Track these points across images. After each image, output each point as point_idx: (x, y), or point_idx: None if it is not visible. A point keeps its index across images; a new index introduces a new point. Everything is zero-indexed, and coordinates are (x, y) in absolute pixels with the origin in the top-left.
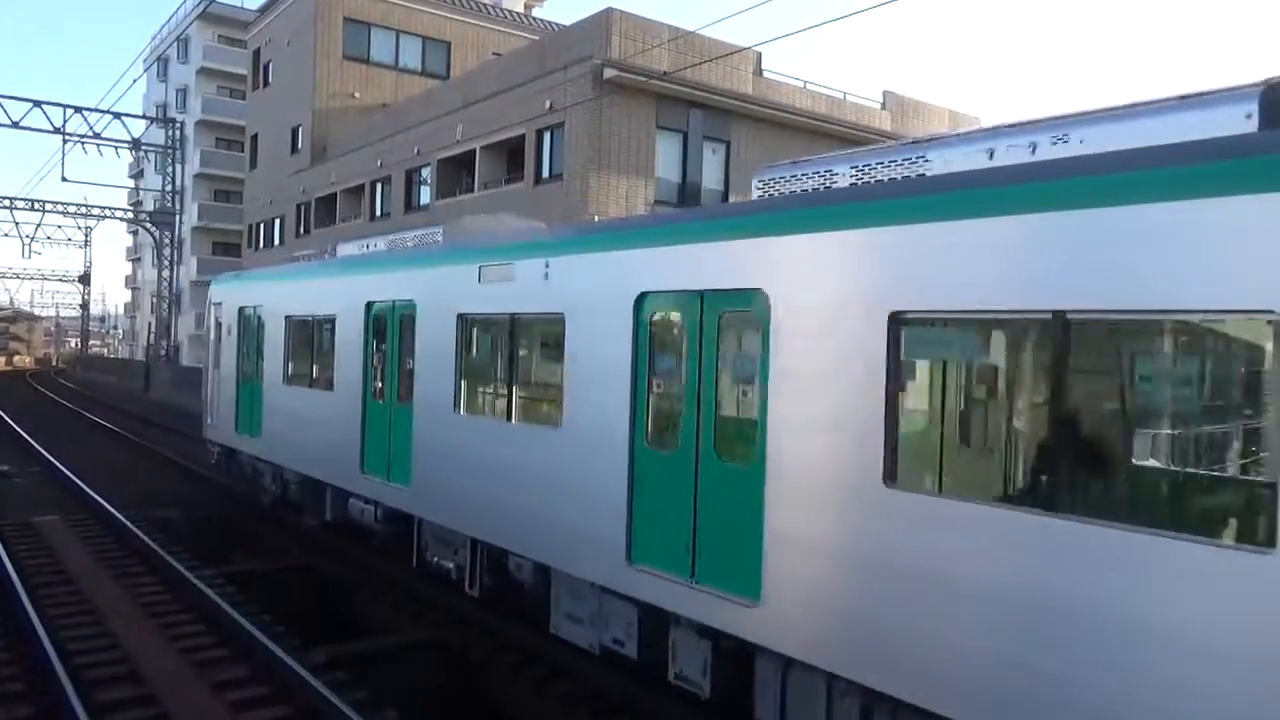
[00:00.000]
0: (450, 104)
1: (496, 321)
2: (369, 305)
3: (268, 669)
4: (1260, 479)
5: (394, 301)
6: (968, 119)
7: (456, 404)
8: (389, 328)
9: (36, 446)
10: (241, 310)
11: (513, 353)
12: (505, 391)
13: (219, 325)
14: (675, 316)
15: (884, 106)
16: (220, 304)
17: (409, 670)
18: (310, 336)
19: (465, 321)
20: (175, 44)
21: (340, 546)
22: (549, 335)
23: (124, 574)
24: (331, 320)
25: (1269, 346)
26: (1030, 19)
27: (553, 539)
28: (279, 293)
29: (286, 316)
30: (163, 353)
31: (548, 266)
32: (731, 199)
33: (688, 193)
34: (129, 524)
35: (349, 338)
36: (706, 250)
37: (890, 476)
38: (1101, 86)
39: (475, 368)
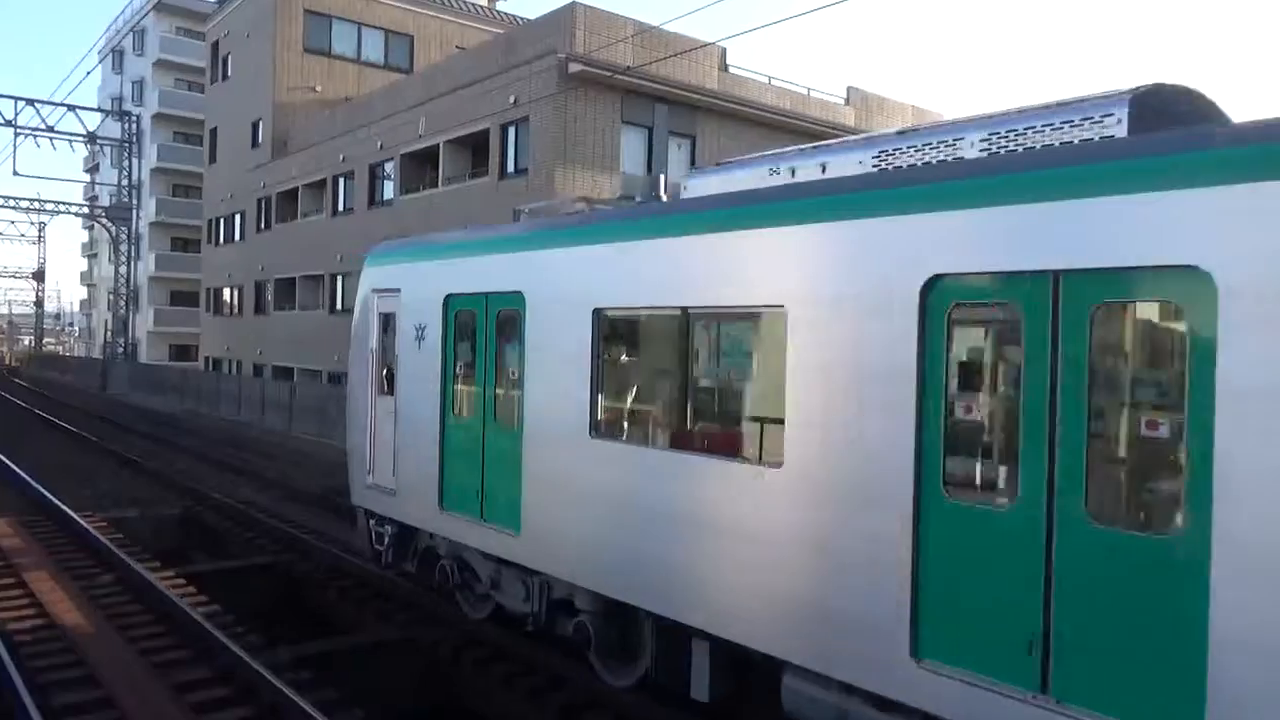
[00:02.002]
0: (413, 98)
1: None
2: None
3: (230, 670)
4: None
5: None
6: (931, 114)
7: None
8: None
9: None
10: (452, 301)
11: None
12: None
13: (389, 326)
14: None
15: (848, 102)
16: (395, 292)
17: (378, 669)
18: (669, 349)
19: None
20: (131, 35)
21: (305, 544)
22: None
23: (81, 576)
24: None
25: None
26: (993, 17)
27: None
28: (571, 269)
29: (598, 311)
30: (120, 350)
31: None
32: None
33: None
34: (85, 524)
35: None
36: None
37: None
38: (1059, 82)
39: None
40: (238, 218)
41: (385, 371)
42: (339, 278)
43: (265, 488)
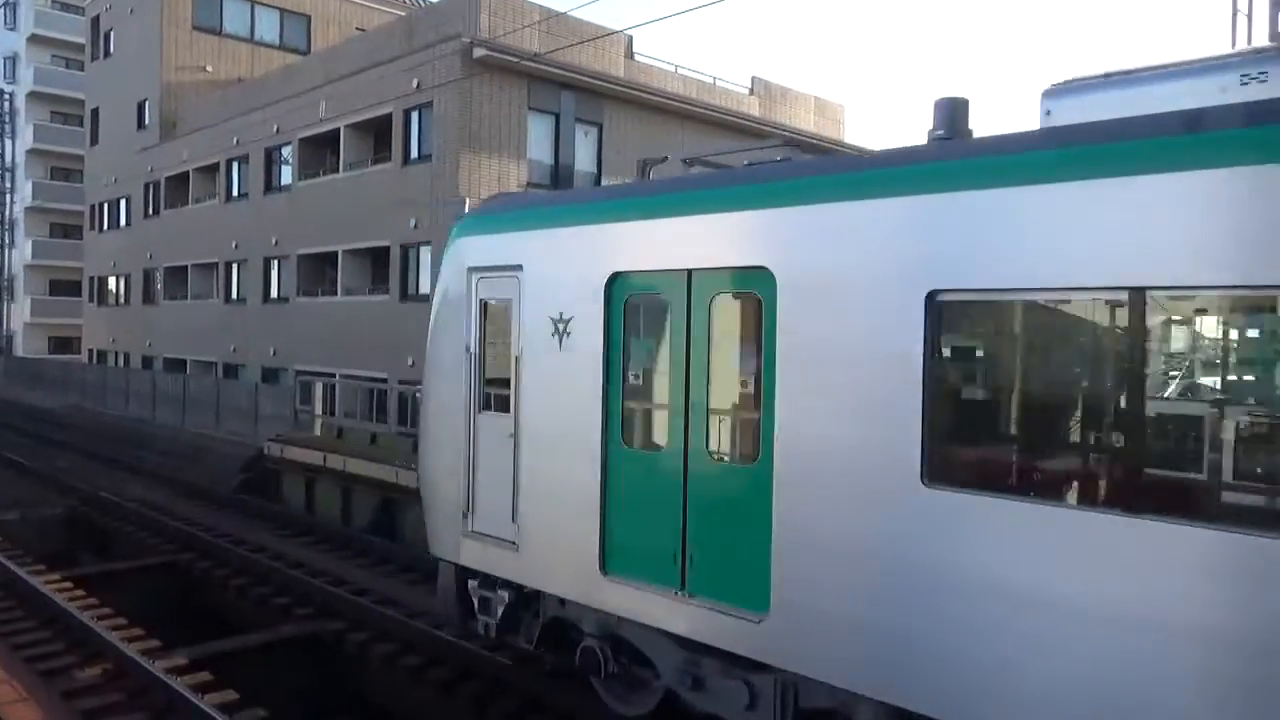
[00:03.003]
0: (312, 80)
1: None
2: None
3: (122, 674)
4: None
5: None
6: (833, 107)
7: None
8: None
9: None
10: (622, 282)
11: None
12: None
13: (501, 318)
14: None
15: (752, 91)
16: (511, 271)
17: (282, 667)
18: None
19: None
20: (2, 8)
21: (203, 542)
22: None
23: None
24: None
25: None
26: (892, 14)
27: None
28: (875, 233)
29: (934, 296)
30: None
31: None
32: (604, 182)
33: (560, 175)
34: None
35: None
36: None
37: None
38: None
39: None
40: (123, 203)
41: (492, 380)
42: (234, 266)
43: (159, 485)
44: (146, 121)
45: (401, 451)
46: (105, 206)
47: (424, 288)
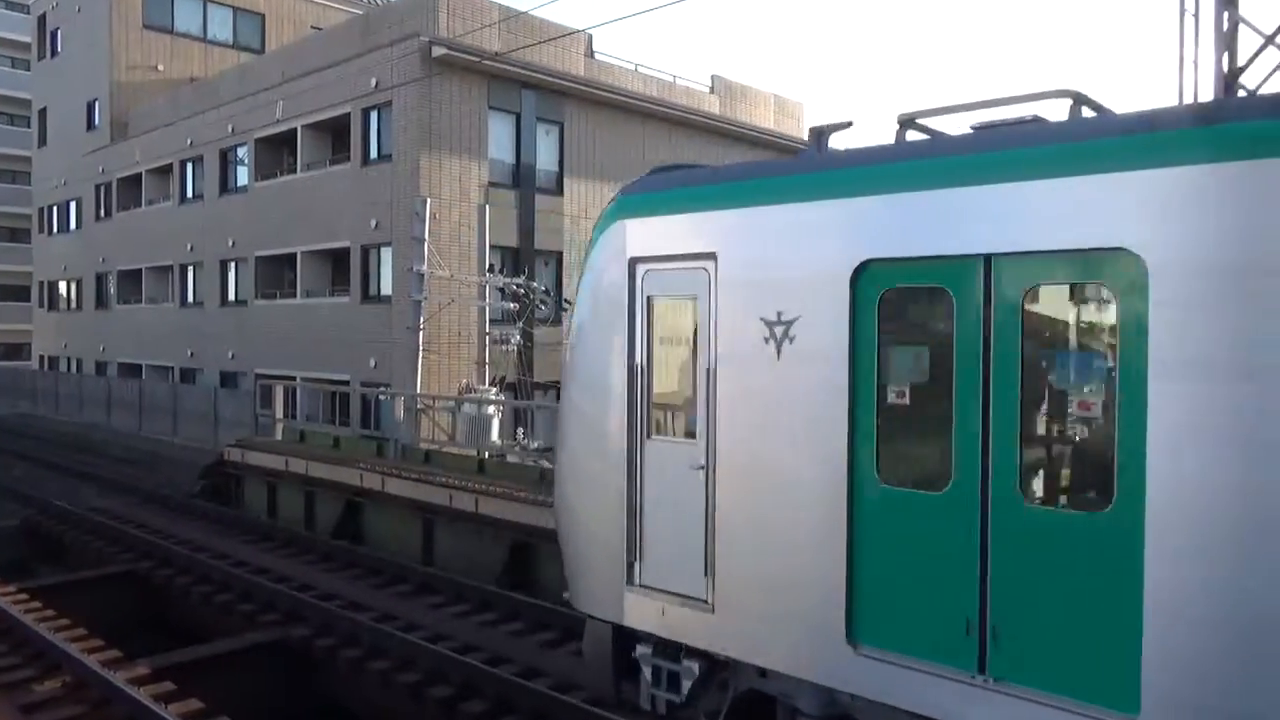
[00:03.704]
0: (268, 79)
1: None
2: None
3: (83, 685)
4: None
5: None
6: (792, 104)
7: None
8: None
9: None
10: (876, 274)
11: None
12: None
13: (679, 320)
14: None
15: (712, 90)
16: (699, 261)
17: (247, 674)
18: None
19: None
20: None
21: (164, 550)
22: None
23: None
24: None
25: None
26: (851, 15)
27: None
28: None
29: None
30: None
31: None
32: (567, 181)
33: (522, 174)
34: None
35: None
36: None
37: None
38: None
39: None
40: (73, 205)
41: (665, 398)
42: (190, 268)
43: (116, 492)
44: (96, 122)
45: (364, 454)
46: (54, 209)
47: (385, 289)
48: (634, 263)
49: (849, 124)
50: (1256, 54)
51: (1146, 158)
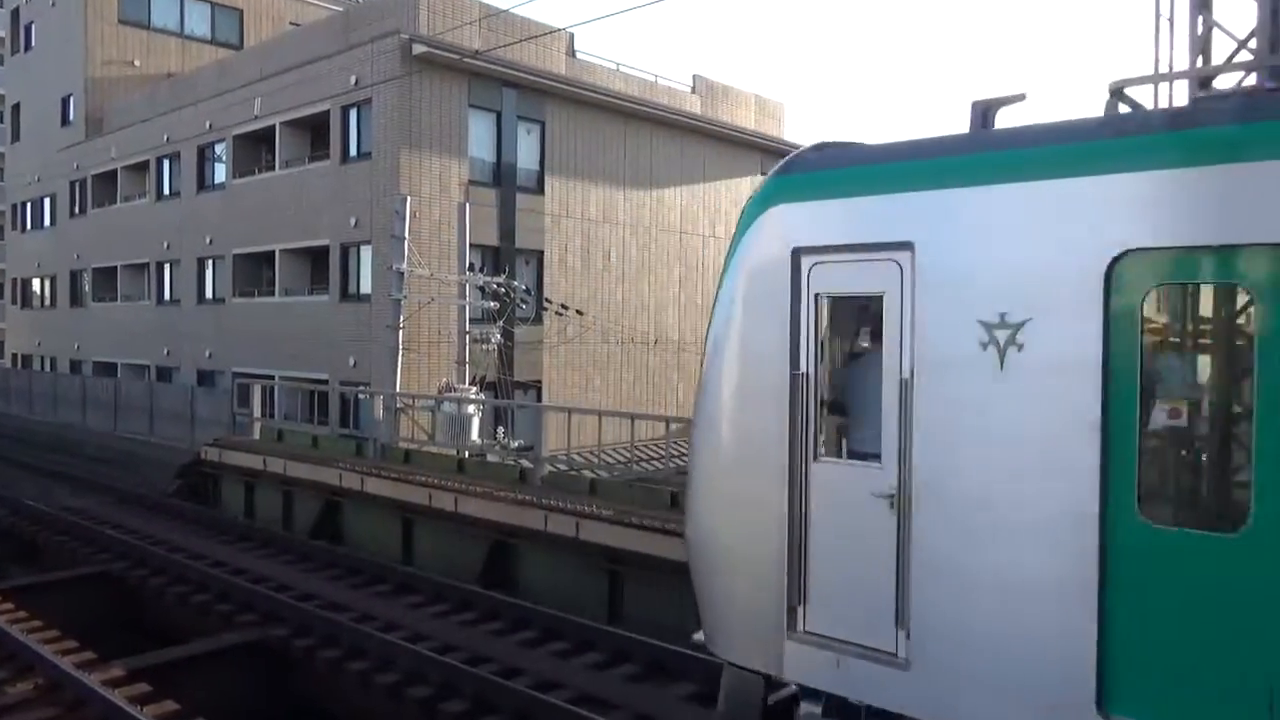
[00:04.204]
0: (246, 76)
1: None
2: None
3: (56, 687)
4: None
5: None
6: (773, 105)
7: None
8: None
9: None
10: (1150, 264)
11: None
12: None
13: (859, 322)
14: None
15: (694, 90)
16: (888, 252)
17: (225, 675)
18: None
19: None
20: None
21: (140, 550)
22: None
23: None
24: None
25: None
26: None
27: None
28: None
29: None
30: None
31: None
32: (548, 179)
33: (503, 173)
34: None
35: None
36: None
37: None
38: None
39: None
40: (47, 201)
41: (838, 412)
42: (167, 266)
43: (90, 492)
44: (71, 118)
45: (343, 453)
46: (28, 205)
47: (365, 287)
48: (798, 254)
49: (1021, 96)
50: (1230, 58)
51: None
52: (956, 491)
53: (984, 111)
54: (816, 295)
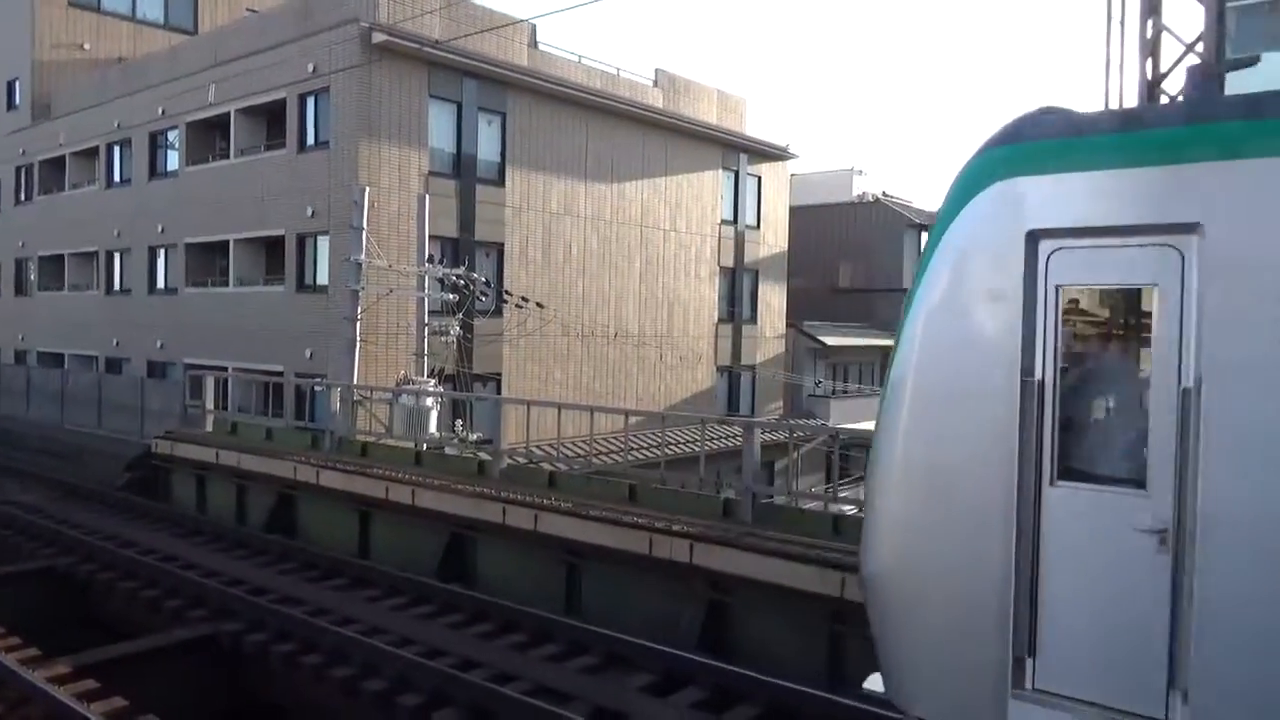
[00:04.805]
0: (200, 62)
1: None
2: None
3: None
4: None
5: None
6: (735, 100)
7: None
8: None
9: None
10: None
11: None
12: None
13: (1155, 314)
14: None
15: (656, 84)
16: (1170, 236)
17: (175, 671)
18: None
19: None
20: None
21: (88, 545)
22: None
23: None
24: None
25: None
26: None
27: None
28: None
29: None
30: None
31: None
32: (509, 172)
33: (463, 164)
34: None
35: None
36: None
37: None
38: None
39: None
40: None
41: (1082, 429)
42: (117, 255)
43: (35, 485)
44: (17, 102)
45: (298, 446)
46: None
47: (322, 278)
48: (1035, 237)
49: (1256, 59)
50: (1177, 62)
51: None
52: (1259, 526)
53: (1201, 73)
54: (1057, 287)
